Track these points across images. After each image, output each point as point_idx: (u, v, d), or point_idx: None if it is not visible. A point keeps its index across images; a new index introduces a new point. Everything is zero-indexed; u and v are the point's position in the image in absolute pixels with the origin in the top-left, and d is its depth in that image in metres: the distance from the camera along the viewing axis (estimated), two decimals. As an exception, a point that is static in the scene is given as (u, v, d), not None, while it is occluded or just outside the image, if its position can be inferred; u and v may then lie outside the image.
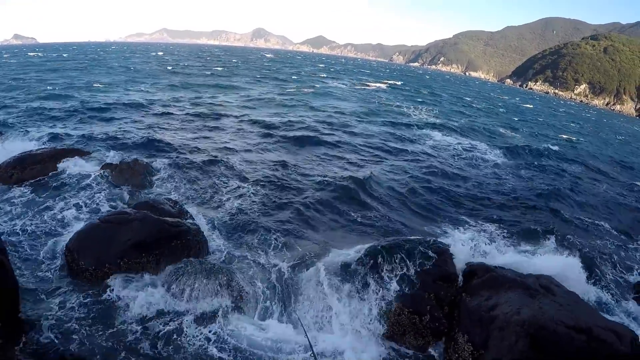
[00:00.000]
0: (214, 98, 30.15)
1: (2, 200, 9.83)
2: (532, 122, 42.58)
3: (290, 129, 21.02)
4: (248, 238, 9.30)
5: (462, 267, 7.46)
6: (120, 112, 21.95)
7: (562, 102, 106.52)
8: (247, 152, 16.56)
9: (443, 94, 58.07)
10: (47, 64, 52.93)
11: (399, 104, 38.19)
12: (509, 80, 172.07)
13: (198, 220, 9.28)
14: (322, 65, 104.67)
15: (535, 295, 6.25)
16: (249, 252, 8.70)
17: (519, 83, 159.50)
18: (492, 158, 20.37)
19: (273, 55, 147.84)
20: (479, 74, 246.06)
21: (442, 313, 6.65)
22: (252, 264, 8.19)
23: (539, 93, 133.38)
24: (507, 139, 27.64)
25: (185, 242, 7.90)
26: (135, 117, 21.18)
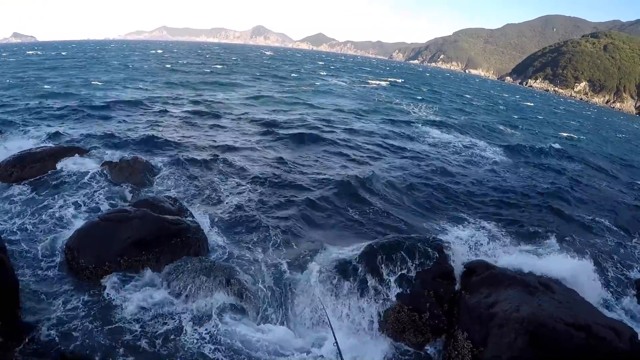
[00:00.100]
0: (214, 96, 30.10)
1: (2, 199, 9.85)
2: (532, 119, 42.54)
3: (290, 127, 20.99)
4: (248, 236, 9.31)
5: (461, 264, 7.47)
6: (120, 110, 21.91)
7: (562, 99, 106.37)
8: (246, 149, 16.54)
9: (443, 92, 58.03)
10: (46, 62, 52.81)
11: (399, 102, 38.16)
12: (509, 78, 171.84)
13: (198, 218, 9.30)
14: (321, 63, 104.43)
15: (535, 293, 6.26)
16: (249, 250, 8.72)
17: (519, 81, 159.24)
18: (492, 156, 20.35)
19: (273, 53, 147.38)
20: (479, 72, 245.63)
21: (441, 310, 6.66)
22: (251, 262, 8.20)
23: (539, 91, 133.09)
24: (507, 137, 27.65)
25: (185, 240, 7.91)
26: (135, 115, 21.16)
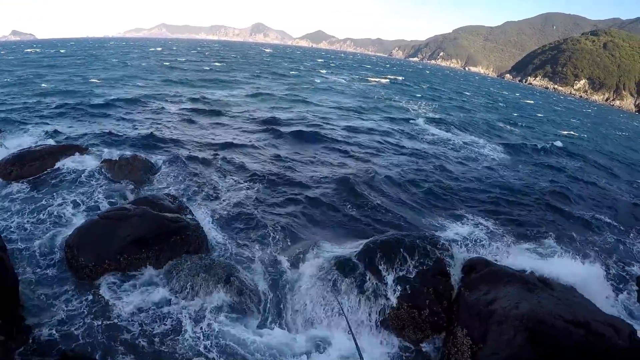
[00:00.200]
0: (213, 93, 30.02)
1: (1, 197, 9.82)
2: (531, 117, 42.52)
3: (290, 124, 20.96)
4: (247, 233, 9.32)
5: (461, 261, 7.48)
6: (119, 108, 21.86)
7: (561, 97, 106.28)
8: (246, 147, 16.52)
9: (443, 89, 57.97)
10: (44, 60, 52.62)
11: (399, 99, 38.11)
12: (509, 76, 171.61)
13: (198, 216, 9.29)
14: (321, 60, 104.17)
15: (534, 290, 6.28)
16: (249, 247, 8.72)
17: (519, 78, 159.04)
18: (491, 153, 20.36)
19: (272, 50, 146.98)
20: (479, 69, 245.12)
21: (441, 307, 6.67)
22: (251, 260, 8.21)
23: (539, 88, 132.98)
24: (506, 134, 27.65)
25: (185, 237, 7.90)
26: (134, 112, 21.11)
